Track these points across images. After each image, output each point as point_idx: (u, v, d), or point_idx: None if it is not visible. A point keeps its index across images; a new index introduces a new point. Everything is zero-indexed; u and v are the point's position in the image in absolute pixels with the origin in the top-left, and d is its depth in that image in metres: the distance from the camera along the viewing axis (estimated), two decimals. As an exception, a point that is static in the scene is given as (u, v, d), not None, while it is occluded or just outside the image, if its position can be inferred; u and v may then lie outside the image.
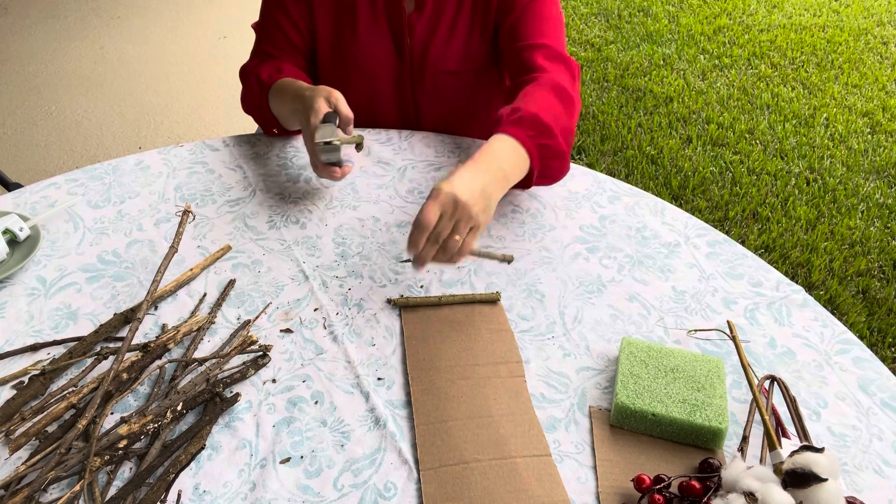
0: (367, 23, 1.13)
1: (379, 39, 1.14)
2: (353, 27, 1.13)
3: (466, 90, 1.20)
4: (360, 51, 1.15)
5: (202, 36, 3.42)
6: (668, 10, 3.63)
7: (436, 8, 1.12)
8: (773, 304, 0.89)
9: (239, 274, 0.92)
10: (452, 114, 1.22)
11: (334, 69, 1.18)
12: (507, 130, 0.90)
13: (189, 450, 0.70)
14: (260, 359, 0.80)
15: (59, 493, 0.67)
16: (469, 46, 1.15)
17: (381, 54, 1.15)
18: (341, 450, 0.71)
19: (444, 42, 1.14)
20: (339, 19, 1.14)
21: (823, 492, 0.60)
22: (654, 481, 0.66)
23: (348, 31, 1.14)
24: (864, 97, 2.90)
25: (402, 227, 1.00)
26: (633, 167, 2.49)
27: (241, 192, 1.07)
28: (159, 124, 2.77)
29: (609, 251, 0.97)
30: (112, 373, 0.73)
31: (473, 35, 1.14)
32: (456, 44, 1.14)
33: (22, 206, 1.03)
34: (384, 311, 0.87)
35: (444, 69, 1.16)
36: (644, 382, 0.74)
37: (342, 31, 1.14)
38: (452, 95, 1.20)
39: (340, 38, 1.15)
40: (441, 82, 1.18)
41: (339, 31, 1.15)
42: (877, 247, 2.15)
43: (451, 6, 1.12)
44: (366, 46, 1.14)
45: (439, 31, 1.13)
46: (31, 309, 0.87)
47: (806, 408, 0.77)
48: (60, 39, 3.38)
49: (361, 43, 1.14)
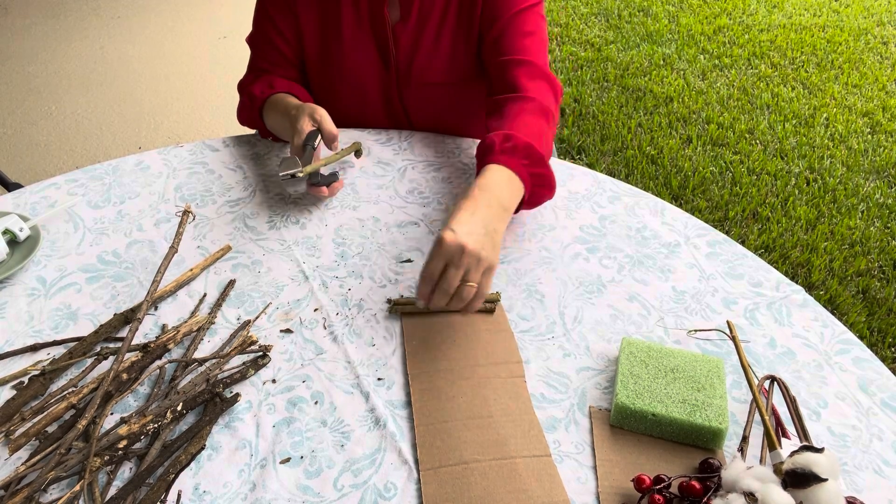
0: (352, 32, 1.13)
1: (364, 48, 1.14)
2: (338, 36, 1.13)
3: (454, 101, 1.19)
4: (345, 59, 1.15)
5: (202, 36, 3.43)
6: (668, 10, 3.63)
7: (420, 18, 1.11)
8: (773, 304, 0.89)
9: (239, 274, 0.92)
10: (442, 123, 1.21)
11: (323, 77, 1.19)
12: (500, 161, 0.89)
13: (189, 450, 0.70)
14: (260, 359, 0.80)
15: (59, 494, 0.67)
16: (454, 57, 1.14)
17: (367, 63, 1.15)
18: (341, 450, 0.71)
19: (429, 53, 1.13)
20: (325, 28, 1.14)
21: (823, 492, 0.60)
22: (654, 481, 0.66)
23: (333, 39, 1.14)
24: (864, 97, 2.90)
25: (402, 227, 1.00)
26: (633, 167, 2.49)
27: (241, 192, 1.07)
28: (159, 124, 2.77)
29: (609, 251, 0.97)
30: (112, 373, 0.73)
31: (458, 45, 1.13)
32: (441, 55, 1.13)
33: (22, 206, 1.03)
34: (384, 311, 0.87)
35: (430, 81, 1.15)
36: (644, 382, 0.74)
37: (327, 40, 1.15)
38: (440, 105, 1.19)
39: (326, 46, 1.15)
40: (428, 93, 1.17)
41: (325, 40, 1.15)
42: (877, 247, 2.15)
43: (436, 16, 1.11)
44: (351, 55, 1.14)
45: (424, 42, 1.12)
46: (31, 309, 0.87)
47: (806, 408, 0.77)
48: (60, 39, 3.38)
49: (347, 51, 1.14)
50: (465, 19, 1.11)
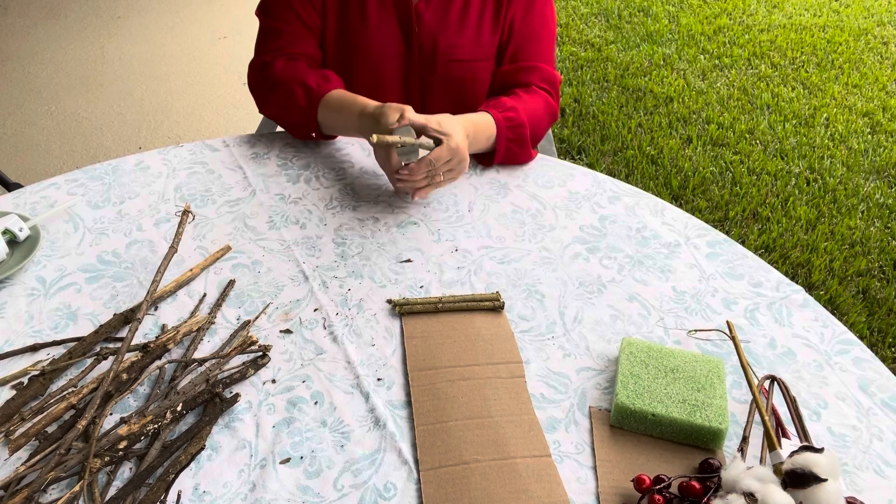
0: (376, 12, 1.13)
1: (387, 29, 1.14)
2: (363, 16, 1.13)
3: (476, 79, 1.20)
4: (367, 40, 1.15)
5: (202, 36, 3.42)
6: (668, 10, 3.63)
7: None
8: (774, 304, 0.89)
9: (239, 274, 0.92)
10: (460, 102, 1.21)
11: (339, 57, 1.18)
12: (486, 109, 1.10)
13: (189, 450, 0.70)
14: (260, 359, 0.80)
15: (59, 494, 0.67)
16: (480, 36, 1.16)
17: (389, 43, 1.15)
18: (341, 450, 0.71)
19: (456, 30, 1.15)
20: (348, 8, 1.14)
21: (823, 492, 0.60)
22: (654, 481, 0.66)
23: (357, 20, 1.14)
24: (864, 97, 2.90)
25: (402, 227, 1.00)
26: (633, 167, 2.49)
27: (241, 192, 1.07)
28: (159, 124, 2.77)
29: (609, 251, 0.97)
30: (112, 373, 0.73)
31: (484, 25, 1.15)
32: (468, 32, 1.15)
33: (22, 206, 1.03)
34: (384, 311, 0.87)
35: (456, 57, 1.17)
36: (644, 383, 0.74)
37: (350, 20, 1.14)
38: (462, 84, 1.20)
39: (347, 27, 1.15)
40: (452, 71, 1.18)
41: (346, 21, 1.14)
42: (877, 247, 2.15)
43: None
44: (374, 35, 1.14)
45: (450, 20, 1.14)
46: (30, 309, 0.87)
47: (806, 408, 0.77)
48: (60, 39, 3.38)
49: (370, 32, 1.14)
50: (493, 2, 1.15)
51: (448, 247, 0.97)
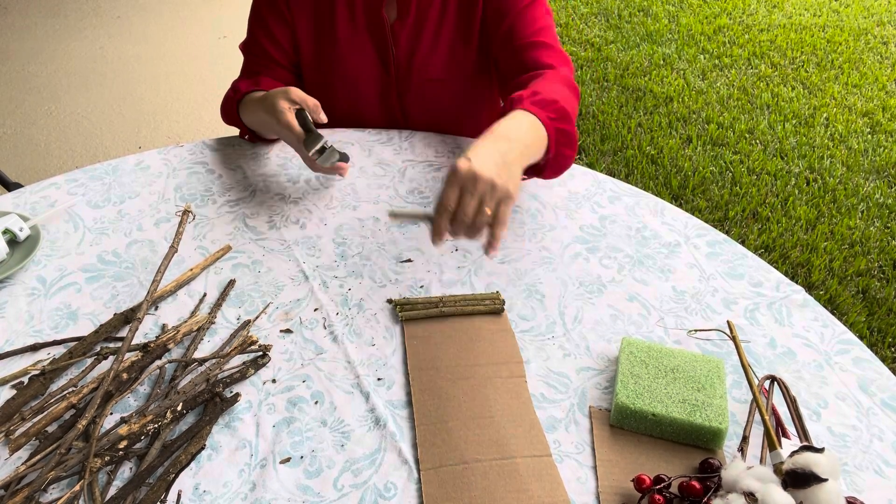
0: (348, 34, 1.13)
1: (360, 49, 1.14)
2: (333, 39, 1.14)
3: (454, 97, 1.19)
4: (342, 60, 1.15)
5: (202, 36, 3.42)
6: (668, 10, 3.63)
7: (419, 15, 1.11)
8: (774, 304, 0.89)
9: (239, 274, 0.92)
10: (440, 121, 1.21)
11: (318, 78, 1.19)
12: (528, 108, 0.88)
13: (189, 450, 0.70)
14: (260, 359, 0.80)
15: (59, 493, 0.67)
16: (454, 53, 1.14)
17: (364, 63, 1.15)
18: (341, 450, 0.71)
19: (429, 49, 1.13)
20: (320, 32, 1.14)
21: (823, 492, 0.60)
22: (654, 481, 0.66)
23: (328, 43, 1.14)
24: (864, 97, 2.90)
25: (402, 227, 1.00)
26: (633, 167, 2.49)
27: (241, 192, 1.07)
28: (159, 124, 2.77)
29: (609, 251, 0.97)
30: (112, 373, 0.73)
31: (457, 41, 1.14)
32: (441, 51, 1.14)
33: (22, 206, 1.03)
34: (384, 311, 0.87)
35: (430, 77, 1.16)
36: (644, 382, 0.74)
37: (322, 43, 1.15)
38: (439, 103, 1.20)
39: (321, 49, 1.15)
40: (427, 90, 1.17)
41: (320, 44, 1.15)
42: (877, 247, 2.15)
43: (435, 13, 1.12)
44: (347, 56, 1.14)
45: (423, 39, 1.13)
46: (31, 309, 0.87)
47: (806, 408, 0.77)
48: (60, 39, 3.38)
49: (342, 52, 1.14)
50: (464, 15, 1.12)
51: (448, 246, 0.97)
